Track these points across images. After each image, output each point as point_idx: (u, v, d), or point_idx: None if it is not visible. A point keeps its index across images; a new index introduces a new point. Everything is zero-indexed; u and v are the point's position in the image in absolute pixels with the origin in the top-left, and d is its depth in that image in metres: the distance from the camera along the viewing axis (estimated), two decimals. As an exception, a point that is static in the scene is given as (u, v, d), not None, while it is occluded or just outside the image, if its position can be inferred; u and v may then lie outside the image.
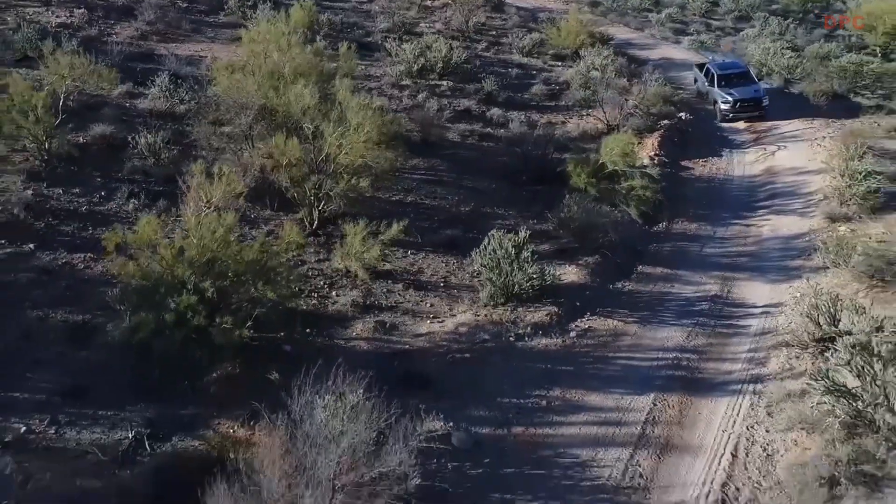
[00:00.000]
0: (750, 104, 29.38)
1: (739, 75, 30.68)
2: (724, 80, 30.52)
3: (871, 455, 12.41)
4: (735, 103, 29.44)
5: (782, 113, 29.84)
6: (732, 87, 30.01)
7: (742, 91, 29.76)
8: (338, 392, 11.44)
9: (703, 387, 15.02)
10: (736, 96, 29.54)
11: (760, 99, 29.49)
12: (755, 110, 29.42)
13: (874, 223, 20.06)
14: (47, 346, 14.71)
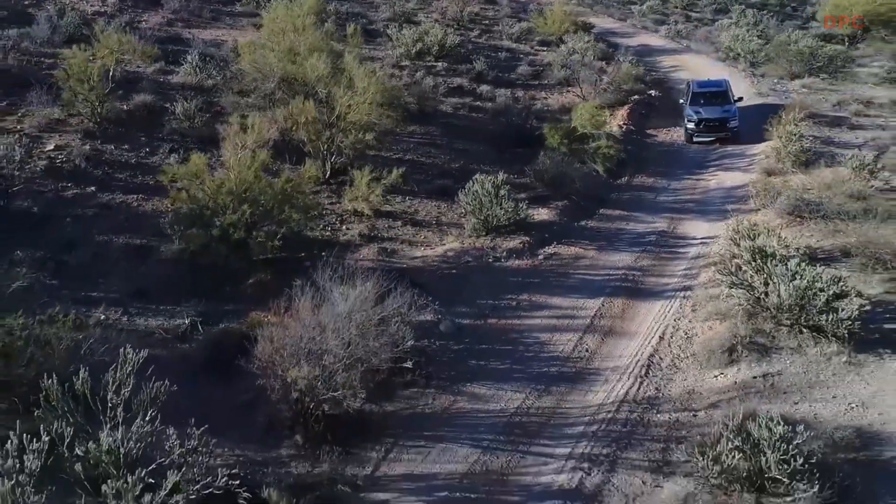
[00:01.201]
0: (715, 124, 28.38)
1: (715, 94, 29.53)
2: (699, 97, 29.53)
3: (763, 331, 16.00)
4: (699, 122, 28.47)
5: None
6: (704, 106, 29.00)
7: (710, 110, 28.69)
8: (351, 278, 14.99)
9: (643, 294, 18.61)
10: (701, 115, 28.54)
11: (727, 119, 28.37)
12: (721, 131, 28.35)
13: (801, 175, 23.56)
14: (114, 262, 18.26)
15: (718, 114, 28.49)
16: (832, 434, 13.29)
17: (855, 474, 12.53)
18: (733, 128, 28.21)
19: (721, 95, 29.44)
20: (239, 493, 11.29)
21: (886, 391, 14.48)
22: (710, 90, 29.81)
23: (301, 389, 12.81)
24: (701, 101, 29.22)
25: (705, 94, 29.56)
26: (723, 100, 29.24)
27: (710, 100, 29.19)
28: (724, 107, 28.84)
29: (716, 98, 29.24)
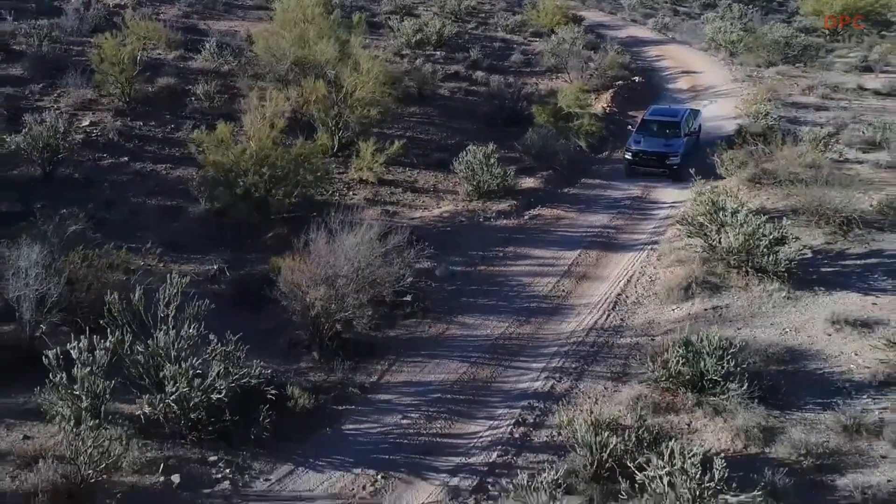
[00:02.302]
0: (653, 158, 25.18)
1: (666, 125, 26.24)
2: (649, 126, 26.44)
3: (716, 273, 18.48)
4: (636, 154, 25.39)
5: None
6: (648, 137, 25.88)
7: (652, 143, 25.57)
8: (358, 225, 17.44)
9: (616, 247, 21.09)
10: (640, 147, 25.50)
11: (666, 155, 25.10)
12: (658, 167, 25.15)
13: (769, 152, 25.92)
14: (149, 219, 20.74)
15: (658, 147, 25.31)
16: (766, 350, 15.81)
17: (781, 379, 15.03)
18: (672, 164, 24.90)
19: (672, 127, 26.09)
20: (267, 390, 13.75)
21: (816, 319, 16.96)
22: (662, 119, 26.69)
23: (318, 311, 15.27)
24: (650, 129, 26.20)
25: (656, 122, 26.51)
26: (672, 132, 25.88)
27: (658, 130, 26.06)
28: (668, 140, 25.56)
29: (666, 129, 26.04)
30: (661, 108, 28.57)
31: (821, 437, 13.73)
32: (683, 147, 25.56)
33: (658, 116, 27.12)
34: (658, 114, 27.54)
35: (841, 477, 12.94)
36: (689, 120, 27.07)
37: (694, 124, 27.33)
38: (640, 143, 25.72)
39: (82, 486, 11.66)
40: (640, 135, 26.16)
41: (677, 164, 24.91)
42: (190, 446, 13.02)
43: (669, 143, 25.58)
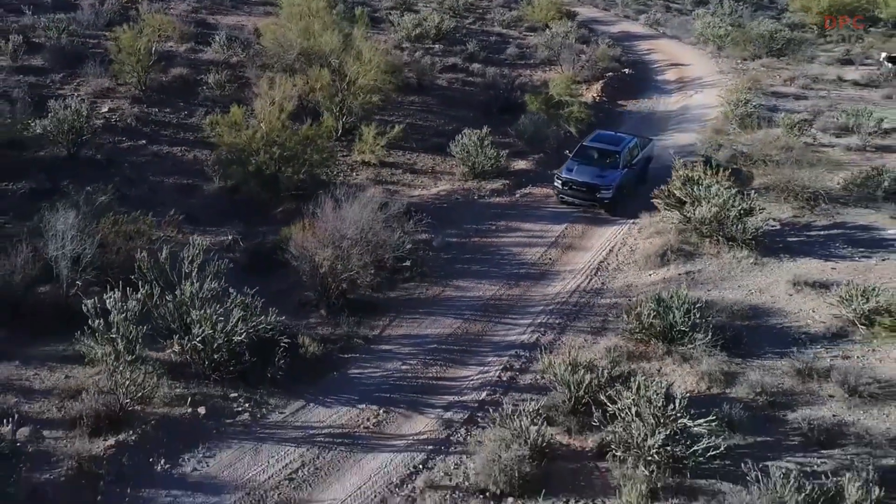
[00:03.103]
0: (582, 190, 23.07)
1: (605, 154, 24.10)
2: (586, 153, 24.31)
3: (690, 242, 20.11)
4: (565, 184, 23.28)
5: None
6: (581, 165, 23.58)
7: (584, 172, 23.31)
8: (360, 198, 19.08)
9: (601, 221, 22.75)
10: (570, 176, 23.33)
11: (597, 187, 22.97)
12: (589, 199, 23.09)
13: (743, 135, 27.58)
14: (167, 196, 22.32)
15: (590, 178, 23.15)
16: (731, 308, 17.48)
17: (744, 332, 16.67)
18: (604, 198, 22.98)
19: (610, 156, 23.96)
20: (280, 339, 15.37)
21: (779, 282, 18.60)
22: (601, 146, 24.47)
23: (325, 271, 16.89)
24: (586, 156, 24.07)
25: (595, 149, 24.38)
26: (609, 162, 23.74)
27: (595, 158, 23.94)
28: (603, 171, 23.41)
29: (603, 158, 23.93)
30: (605, 135, 25.75)
31: (776, 379, 15.36)
32: (619, 179, 23.35)
33: (597, 143, 24.74)
34: (599, 140, 25.04)
35: (792, 412, 14.58)
36: (634, 150, 24.72)
37: (640, 155, 24.95)
38: (573, 171, 23.42)
39: (120, 414, 13.29)
40: (574, 161, 23.80)
41: (609, 198, 22.97)
42: (213, 385, 14.63)
43: (603, 174, 23.35)
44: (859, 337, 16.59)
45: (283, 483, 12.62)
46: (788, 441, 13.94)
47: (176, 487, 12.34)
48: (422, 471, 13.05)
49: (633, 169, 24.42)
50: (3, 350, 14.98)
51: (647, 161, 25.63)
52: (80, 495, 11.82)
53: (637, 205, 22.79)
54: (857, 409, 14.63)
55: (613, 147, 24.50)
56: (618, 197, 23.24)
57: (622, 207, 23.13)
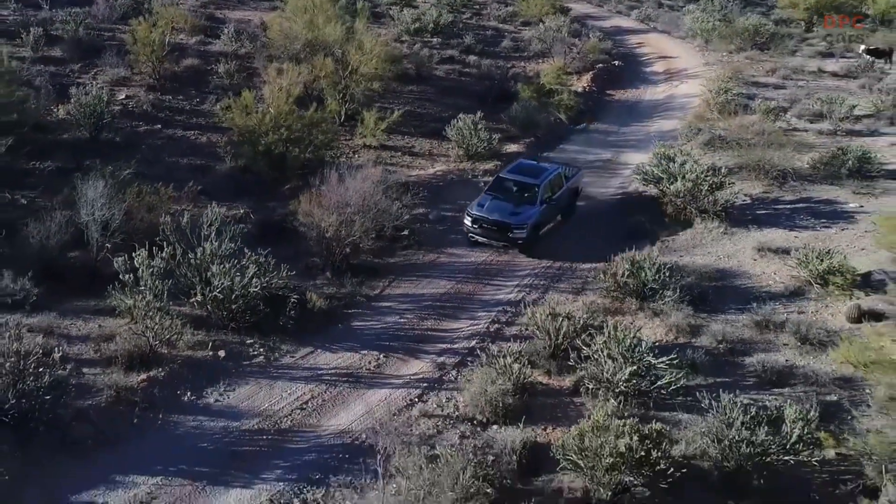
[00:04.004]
0: (493, 229, 20.76)
1: (523, 187, 21.82)
2: (502, 185, 22.11)
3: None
4: (474, 222, 20.97)
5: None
6: (495, 201, 21.30)
7: (495, 209, 20.98)
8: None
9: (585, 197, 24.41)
10: (480, 213, 20.99)
11: (508, 226, 20.62)
12: (500, 238, 20.81)
13: (722, 121, 29.26)
14: (182, 175, 23.98)
15: (501, 215, 20.80)
16: (700, 270, 19.20)
17: (710, 291, 18.40)
18: (517, 238, 20.71)
19: (527, 190, 21.67)
20: (290, 295, 17.09)
21: (745, 249, 20.34)
22: (519, 179, 22.20)
23: (330, 236, 18.61)
24: (502, 190, 21.90)
25: (511, 182, 22.20)
26: (526, 197, 21.47)
27: (510, 193, 21.77)
28: (518, 208, 21.10)
29: (521, 192, 21.72)
30: (526, 165, 23.23)
31: (736, 331, 17.10)
32: (535, 217, 21.08)
33: (515, 175, 22.41)
34: (518, 171, 22.71)
35: (749, 357, 16.33)
36: (557, 182, 22.40)
37: (564, 188, 22.63)
38: (484, 206, 21.11)
39: (150, 354, 15.02)
40: (488, 196, 21.58)
41: (523, 239, 20.74)
42: (230, 333, 16.36)
43: (518, 210, 20.98)
44: (814, 295, 18.32)
45: (296, 411, 14.36)
46: (745, 381, 15.65)
47: (201, 414, 14.08)
48: (417, 403, 14.78)
49: (554, 204, 22.04)
50: (42, 304, 16.65)
51: (574, 194, 23.42)
52: (118, 418, 13.56)
53: (559, 243, 21.48)
54: (808, 355, 16.36)
55: (532, 180, 22.00)
56: (534, 237, 21.07)
57: (542, 247, 21.19)
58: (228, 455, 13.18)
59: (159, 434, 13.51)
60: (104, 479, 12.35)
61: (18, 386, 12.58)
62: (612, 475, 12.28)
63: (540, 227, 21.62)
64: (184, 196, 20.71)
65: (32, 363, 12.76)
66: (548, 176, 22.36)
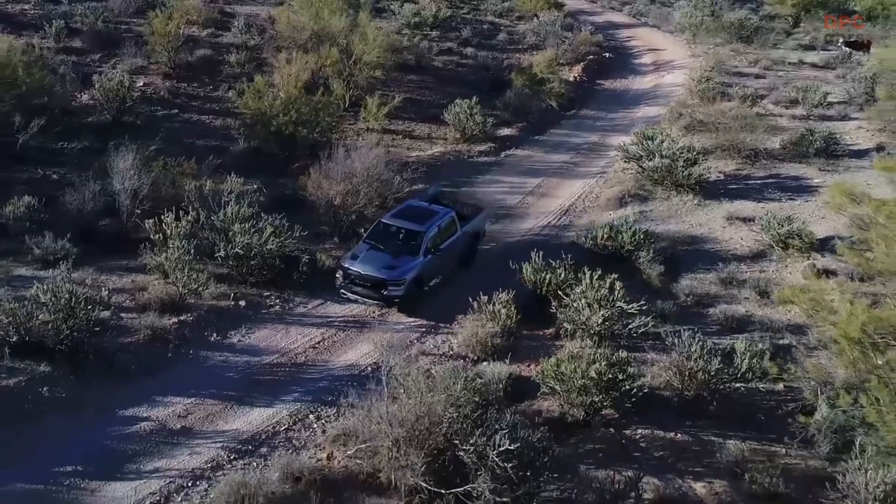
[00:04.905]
0: (365, 284, 18.12)
1: (408, 235, 18.98)
2: (384, 232, 19.18)
3: (645, 188, 23.79)
4: (346, 276, 18.33)
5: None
6: (371, 251, 18.64)
7: (370, 261, 18.31)
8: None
9: (572, 175, 26.40)
10: (353, 267, 18.29)
11: (383, 282, 17.98)
12: (374, 295, 18.15)
13: (705, 107, 31.18)
14: (199, 155, 25.91)
15: (376, 269, 18.14)
16: (674, 236, 21.15)
17: (682, 253, 20.35)
18: (393, 296, 18.09)
19: (413, 238, 18.91)
20: (301, 256, 19.04)
21: (716, 219, 22.33)
22: (403, 225, 19.26)
23: (338, 203, 20.56)
24: (382, 237, 19.04)
25: (394, 228, 19.26)
26: (408, 247, 18.80)
27: (391, 241, 18.95)
28: (397, 260, 18.40)
29: (403, 241, 18.97)
30: (415, 207, 20.22)
31: (703, 287, 19.04)
32: (416, 271, 18.43)
33: (399, 220, 19.43)
34: (403, 215, 19.70)
35: (713, 309, 18.26)
36: (449, 228, 19.64)
37: (459, 233, 19.87)
38: (357, 258, 18.47)
39: (179, 302, 16.98)
40: (366, 245, 18.92)
41: (399, 296, 18.11)
42: (249, 287, 18.33)
43: (396, 263, 18.32)
44: (775, 257, 20.28)
45: (309, 349, 16.34)
46: (708, 329, 17.56)
47: (226, 351, 16.10)
48: (416, 343, 16.74)
49: (443, 254, 19.19)
50: (80, 262, 18.58)
51: (474, 239, 20.63)
52: (154, 352, 15.55)
53: (454, 299, 18.10)
54: (766, 307, 18.31)
55: (418, 226, 19.06)
56: (415, 293, 18.44)
57: (427, 304, 18.52)
58: (251, 382, 15.18)
59: (191, 365, 15.50)
60: (146, 399, 14.34)
61: (71, 320, 14.52)
62: (584, 397, 14.22)
63: (424, 282, 18.87)
64: (204, 169, 22.56)
65: (82, 300, 14.70)
66: (436, 221, 19.37)
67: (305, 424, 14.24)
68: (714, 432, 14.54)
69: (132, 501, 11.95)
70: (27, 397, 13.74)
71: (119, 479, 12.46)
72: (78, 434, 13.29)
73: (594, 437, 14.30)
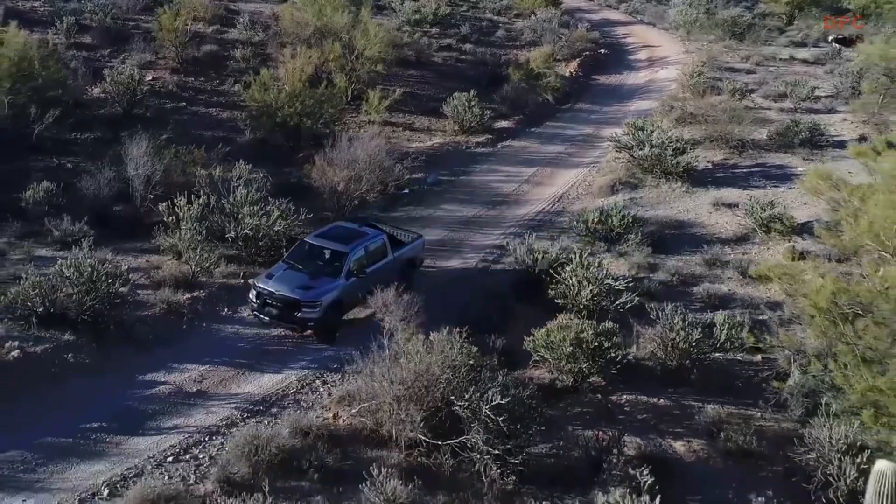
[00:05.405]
0: (278, 306, 16.87)
1: (333, 255, 17.89)
2: (307, 251, 18.18)
3: (636, 175, 24.80)
4: (259, 296, 17.07)
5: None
6: (289, 271, 17.51)
7: (286, 281, 17.14)
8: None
9: (567, 165, 27.40)
10: (266, 287, 17.06)
11: (297, 304, 16.74)
12: (286, 318, 16.87)
13: (695, 101, 32.19)
14: (208, 145, 26.94)
15: (290, 290, 16.94)
16: (662, 221, 22.16)
17: (669, 237, 21.37)
18: (307, 319, 16.86)
19: (336, 259, 17.79)
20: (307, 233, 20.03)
21: (702, 205, 23.36)
22: (326, 245, 18.20)
23: (341, 189, 21.57)
24: (304, 257, 18.05)
25: (317, 248, 18.23)
26: (330, 269, 17.71)
27: (313, 261, 17.94)
28: (314, 281, 17.28)
29: (325, 262, 17.92)
30: (342, 228, 19.12)
31: (688, 267, 20.06)
32: (335, 294, 17.24)
33: (323, 240, 18.39)
34: (326, 236, 18.62)
35: (697, 287, 19.27)
36: (376, 253, 18.40)
37: (389, 258, 18.61)
38: (273, 277, 17.33)
39: (192, 279, 17.99)
40: (284, 264, 17.83)
41: (314, 320, 16.88)
42: (258, 266, 19.28)
43: (313, 284, 17.16)
44: (758, 239, 21.31)
45: (315, 325, 17.31)
46: (692, 305, 18.54)
47: (237, 324, 17.16)
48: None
49: (369, 278, 17.65)
50: (97, 244, 19.52)
51: (409, 266, 19.28)
52: (169, 324, 16.59)
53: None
54: (747, 286, 19.32)
55: (342, 247, 17.96)
56: (334, 317, 17.24)
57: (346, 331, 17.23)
58: (262, 352, 16.21)
59: (204, 336, 16.54)
60: (163, 366, 15.39)
61: (93, 293, 15.55)
62: (572, 364, 15.22)
63: (345, 307, 17.63)
64: (214, 156, 23.56)
65: (104, 274, 15.71)
66: (363, 243, 18.25)
67: (312, 388, 15.26)
68: (694, 398, 15.54)
69: (154, 452, 12.95)
70: (54, 362, 14.77)
71: (141, 434, 13.48)
72: (101, 396, 14.31)
73: (582, 402, 15.30)
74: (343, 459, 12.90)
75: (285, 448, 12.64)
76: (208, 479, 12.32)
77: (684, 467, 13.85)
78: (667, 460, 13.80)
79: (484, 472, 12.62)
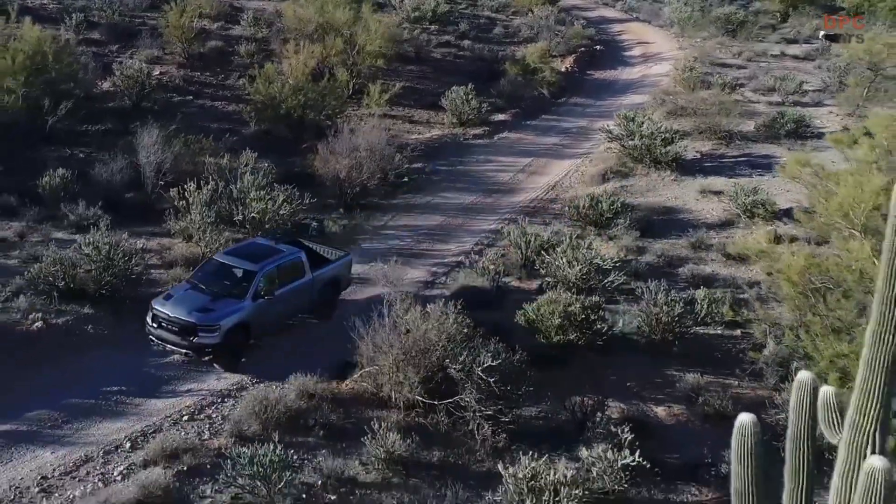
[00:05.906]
0: (174, 329, 15.53)
1: (241, 275, 16.54)
2: (215, 269, 16.86)
3: (626, 165, 25.79)
4: (154, 319, 15.74)
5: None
6: (190, 291, 16.22)
7: (184, 302, 15.85)
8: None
9: (561, 156, 28.39)
10: (162, 309, 15.72)
11: (193, 328, 15.40)
12: (181, 342, 15.52)
13: (687, 94, 33.16)
14: (215, 136, 27.95)
15: (185, 313, 15.61)
16: (650, 207, 23.14)
17: (656, 222, 22.35)
18: (206, 344, 15.49)
19: (244, 279, 16.42)
20: (310, 222, 21.04)
21: (689, 192, 24.35)
22: (234, 263, 16.88)
23: (343, 177, 22.56)
24: (210, 276, 16.69)
25: (225, 266, 16.89)
26: (236, 290, 16.32)
27: (218, 280, 16.58)
28: (215, 302, 15.99)
29: (233, 282, 16.56)
30: (256, 245, 17.80)
31: (674, 250, 21.02)
32: (239, 317, 15.90)
33: (232, 258, 17.06)
34: (237, 253, 17.33)
35: (682, 268, 20.23)
36: (290, 271, 16.97)
37: (303, 280, 17.12)
38: (171, 297, 16.10)
39: (201, 259, 18.93)
40: (186, 284, 16.63)
41: (213, 345, 15.52)
42: (264, 249, 20.27)
43: (213, 306, 15.88)
44: (742, 224, 22.27)
45: (319, 300, 18.29)
46: (677, 285, 19.49)
47: (245, 301, 18.03)
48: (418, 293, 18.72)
49: (281, 300, 16.53)
50: (110, 228, 20.55)
51: (332, 287, 18.00)
52: (183, 300, 17.53)
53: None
54: (730, 267, 20.30)
55: (251, 265, 16.59)
56: (236, 342, 15.93)
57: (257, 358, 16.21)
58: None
59: (215, 312, 17.48)
60: (177, 337, 16.33)
61: (111, 269, 16.54)
62: (561, 336, 16.19)
63: (252, 331, 16.30)
64: (221, 146, 24.56)
65: (120, 252, 16.71)
66: (276, 261, 16.81)
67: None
68: (676, 368, 16.50)
69: (172, 412, 13.96)
70: (75, 333, 15.79)
71: (158, 396, 14.48)
72: (119, 363, 15.30)
73: (570, 373, 16.26)
74: (346, 418, 13.90)
75: (292, 408, 13.62)
76: (222, 434, 13.32)
77: (664, 429, 14.83)
78: (648, 422, 14.79)
79: (477, 430, 13.61)
